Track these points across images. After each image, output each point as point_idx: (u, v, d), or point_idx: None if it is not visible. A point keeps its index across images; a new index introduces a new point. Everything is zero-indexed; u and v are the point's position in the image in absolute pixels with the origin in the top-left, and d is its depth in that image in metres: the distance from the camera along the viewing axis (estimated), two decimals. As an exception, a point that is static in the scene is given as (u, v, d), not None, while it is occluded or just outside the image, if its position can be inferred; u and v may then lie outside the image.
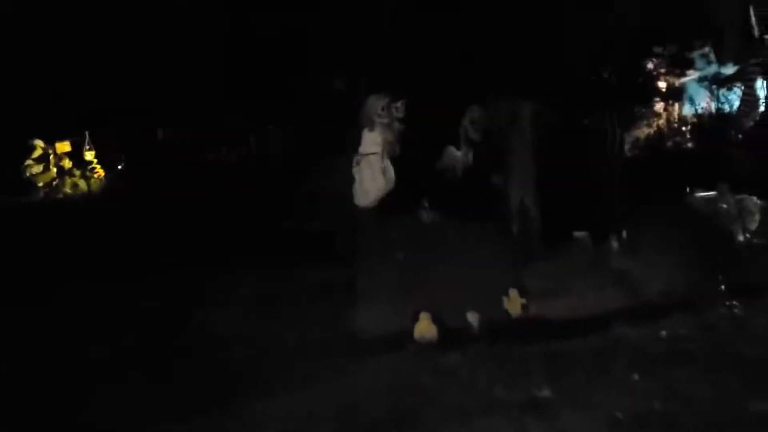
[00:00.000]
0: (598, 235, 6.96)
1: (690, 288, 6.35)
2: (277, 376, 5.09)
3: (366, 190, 5.97)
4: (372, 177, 5.95)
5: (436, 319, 5.86)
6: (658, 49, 16.93)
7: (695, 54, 19.14)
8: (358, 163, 5.99)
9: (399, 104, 6.15)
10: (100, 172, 21.09)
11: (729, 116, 16.43)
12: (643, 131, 18.58)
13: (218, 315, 6.25)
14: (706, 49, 19.05)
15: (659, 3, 11.39)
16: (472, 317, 5.99)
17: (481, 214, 6.73)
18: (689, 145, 17.74)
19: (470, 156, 6.89)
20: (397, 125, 6.14)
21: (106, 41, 12.80)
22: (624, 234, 6.98)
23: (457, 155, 6.84)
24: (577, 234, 6.91)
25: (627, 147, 15.89)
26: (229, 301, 6.60)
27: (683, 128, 19.69)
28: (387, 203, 6.14)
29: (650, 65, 18.04)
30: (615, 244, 6.94)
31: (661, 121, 18.93)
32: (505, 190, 6.81)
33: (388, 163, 6.09)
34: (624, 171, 8.96)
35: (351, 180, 5.95)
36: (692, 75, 20.98)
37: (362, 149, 6.03)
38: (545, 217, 6.93)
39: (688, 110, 21.32)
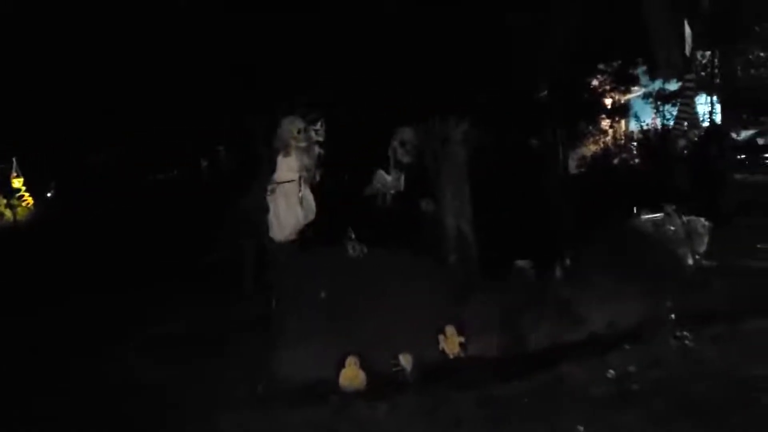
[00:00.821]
0: (541, 263, 6.50)
1: (638, 318, 5.99)
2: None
3: (282, 222, 5.36)
4: (288, 207, 5.35)
5: (364, 364, 5.34)
6: (601, 66, 16.90)
7: (639, 70, 19.23)
8: (272, 192, 5.37)
9: (318, 126, 5.60)
10: (29, 200, 20.11)
11: (668, 133, 16.47)
12: (587, 149, 18.52)
13: (114, 357, 5.55)
14: (646, 67, 19.16)
15: (600, 19, 11.11)
16: (405, 360, 5.47)
17: (414, 243, 6.21)
18: (634, 162, 17.74)
19: (401, 180, 6.34)
20: (316, 149, 5.58)
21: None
22: (567, 261, 6.53)
23: (386, 180, 6.28)
24: (519, 263, 6.43)
25: (571, 166, 15.78)
26: (129, 341, 5.91)
27: (629, 145, 19.76)
28: (307, 236, 5.54)
29: (594, 82, 18.03)
30: (558, 272, 6.47)
31: (605, 139, 18.93)
32: (439, 216, 6.29)
33: (307, 191, 5.50)
34: (567, 193, 8.63)
35: (265, 211, 5.32)
36: (637, 91, 21.14)
37: (277, 177, 5.42)
38: (484, 245, 6.44)
39: (631, 127, 21.51)
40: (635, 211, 7.94)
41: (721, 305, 6.21)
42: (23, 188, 19.47)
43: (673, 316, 5.92)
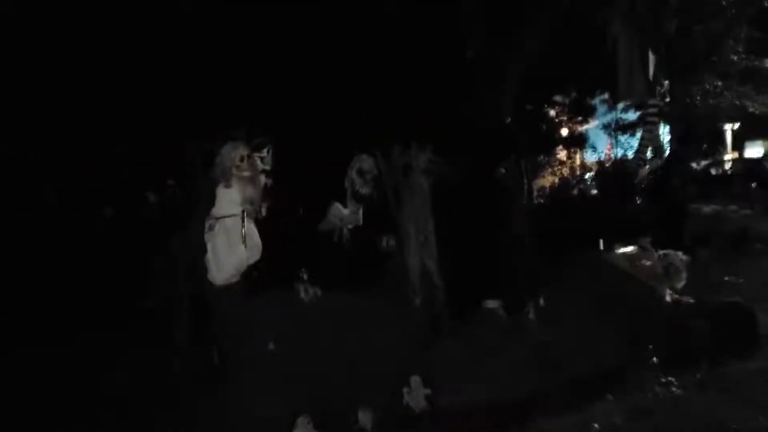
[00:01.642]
0: (513, 303, 5.96)
1: (619, 362, 5.49)
2: None
3: (222, 263, 4.66)
4: (230, 246, 4.66)
5: (318, 424, 4.66)
6: (559, 97, 16.77)
7: (596, 100, 19.22)
8: (211, 228, 4.69)
9: (264, 153, 4.97)
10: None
11: (630, 162, 16.39)
12: (548, 180, 18.30)
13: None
14: (606, 95, 19.14)
15: (560, 48, 10.86)
16: (365, 417, 4.82)
17: (375, 285, 5.60)
18: (593, 192, 17.57)
19: (360, 214, 5.73)
20: (262, 179, 4.95)
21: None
22: (541, 300, 5.99)
23: (343, 213, 5.65)
24: (489, 303, 5.87)
25: (534, 197, 15.47)
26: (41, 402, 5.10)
27: (586, 175, 19.68)
28: (252, 278, 4.85)
29: (552, 112, 17.89)
30: (531, 314, 5.93)
31: (565, 169, 18.78)
32: (402, 253, 5.69)
33: (251, 227, 4.83)
34: (534, 225, 8.15)
35: (202, 251, 4.63)
36: (593, 122, 21.17)
37: (216, 211, 4.74)
38: (451, 285, 5.86)
39: (590, 157, 21.48)
40: (604, 244, 7.58)
41: (703, 346, 5.77)
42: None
43: (655, 359, 5.45)
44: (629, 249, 6.86)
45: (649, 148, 11.48)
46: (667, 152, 14.02)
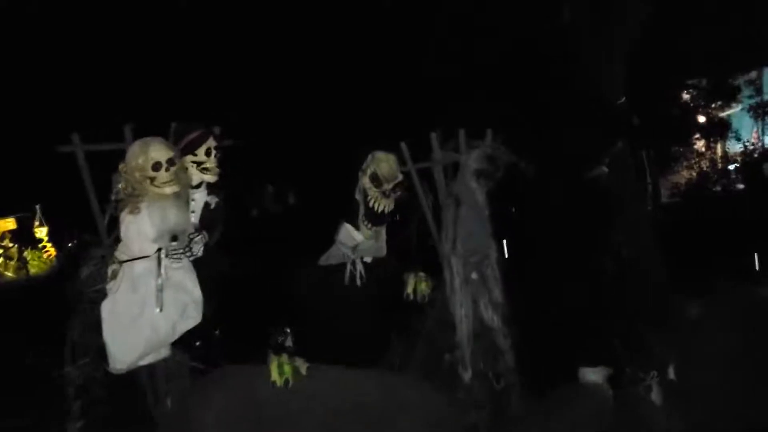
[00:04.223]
0: (623, 373, 3.86)
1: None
2: None
3: (122, 336, 2.91)
4: (137, 307, 2.91)
5: None
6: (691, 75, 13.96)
7: (741, 81, 16.08)
8: (113, 277, 2.96)
9: (202, 155, 3.19)
10: (51, 251, 18.63)
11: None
12: (683, 175, 15.33)
13: None
14: (753, 74, 16.00)
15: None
16: None
17: (403, 354, 3.70)
18: (739, 188, 14.48)
19: (382, 240, 3.82)
20: (203, 195, 3.20)
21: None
22: (671, 369, 3.84)
23: (357, 239, 3.76)
24: (588, 374, 3.81)
25: (663, 195, 12.74)
26: None
27: (729, 167, 16.50)
28: (195, 348, 3.08)
29: (685, 94, 15.02)
30: (655, 390, 3.79)
31: (704, 162, 15.68)
32: (446, 301, 3.72)
33: (180, 276, 3.05)
34: (661, 241, 5.89)
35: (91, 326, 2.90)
36: (736, 106, 17.88)
37: (120, 252, 3.02)
38: (525, 348, 3.82)
39: (733, 147, 18.17)
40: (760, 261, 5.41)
41: None
42: (46, 239, 18.00)
43: None
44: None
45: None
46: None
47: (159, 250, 2.95)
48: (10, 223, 18.51)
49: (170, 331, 2.97)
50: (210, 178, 3.19)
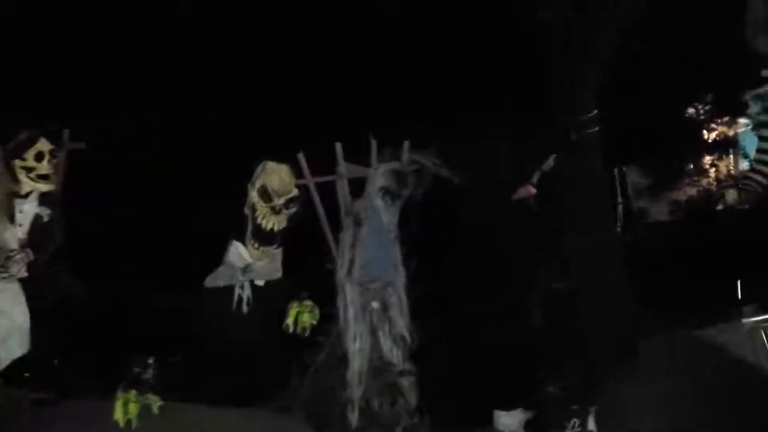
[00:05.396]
0: (543, 418, 3.44)
1: None
2: None
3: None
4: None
5: None
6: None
7: (749, 96, 15.37)
8: None
9: (30, 158, 2.82)
10: None
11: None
12: (684, 192, 14.69)
13: None
14: (762, 90, 15.31)
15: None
16: None
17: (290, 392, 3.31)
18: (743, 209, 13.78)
19: (277, 262, 3.42)
20: (29, 208, 2.84)
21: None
22: (591, 419, 3.40)
23: (248, 260, 3.36)
24: (501, 417, 3.39)
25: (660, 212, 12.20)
26: None
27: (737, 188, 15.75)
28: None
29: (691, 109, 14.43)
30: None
31: (706, 180, 15.03)
32: (340, 335, 3.32)
33: (9, 297, 2.68)
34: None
35: None
36: (743, 121, 17.21)
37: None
38: (434, 384, 3.41)
39: (741, 164, 17.49)
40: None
41: None
42: None
43: None
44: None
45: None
46: None
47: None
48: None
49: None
50: (43, 186, 2.82)
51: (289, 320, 3.29)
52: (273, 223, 3.30)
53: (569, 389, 3.54)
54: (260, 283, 3.44)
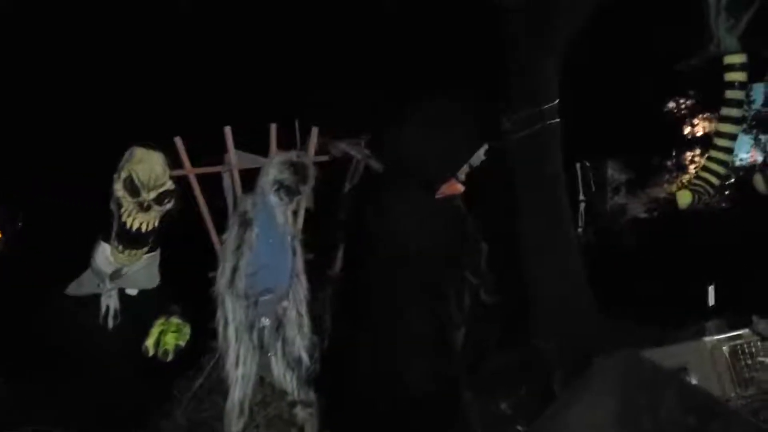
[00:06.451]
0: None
1: None
2: None
3: None
4: None
5: None
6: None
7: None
8: None
9: None
10: None
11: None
12: (663, 189, 14.26)
13: None
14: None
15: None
16: None
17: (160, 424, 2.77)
18: (725, 206, 13.39)
19: (153, 266, 2.86)
20: None
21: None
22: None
23: (115, 265, 2.80)
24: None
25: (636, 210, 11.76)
26: None
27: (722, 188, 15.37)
28: None
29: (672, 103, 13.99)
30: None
31: (686, 177, 14.61)
32: (222, 358, 2.78)
33: None
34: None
35: None
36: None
37: None
38: (337, 415, 2.88)
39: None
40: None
41: None
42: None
43: None
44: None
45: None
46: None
47: None
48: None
49: None
50: None
51: (150, 341, 2.74)
52: (141, 221, 2.74)
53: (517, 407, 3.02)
54: (132, 292, 2.87)
